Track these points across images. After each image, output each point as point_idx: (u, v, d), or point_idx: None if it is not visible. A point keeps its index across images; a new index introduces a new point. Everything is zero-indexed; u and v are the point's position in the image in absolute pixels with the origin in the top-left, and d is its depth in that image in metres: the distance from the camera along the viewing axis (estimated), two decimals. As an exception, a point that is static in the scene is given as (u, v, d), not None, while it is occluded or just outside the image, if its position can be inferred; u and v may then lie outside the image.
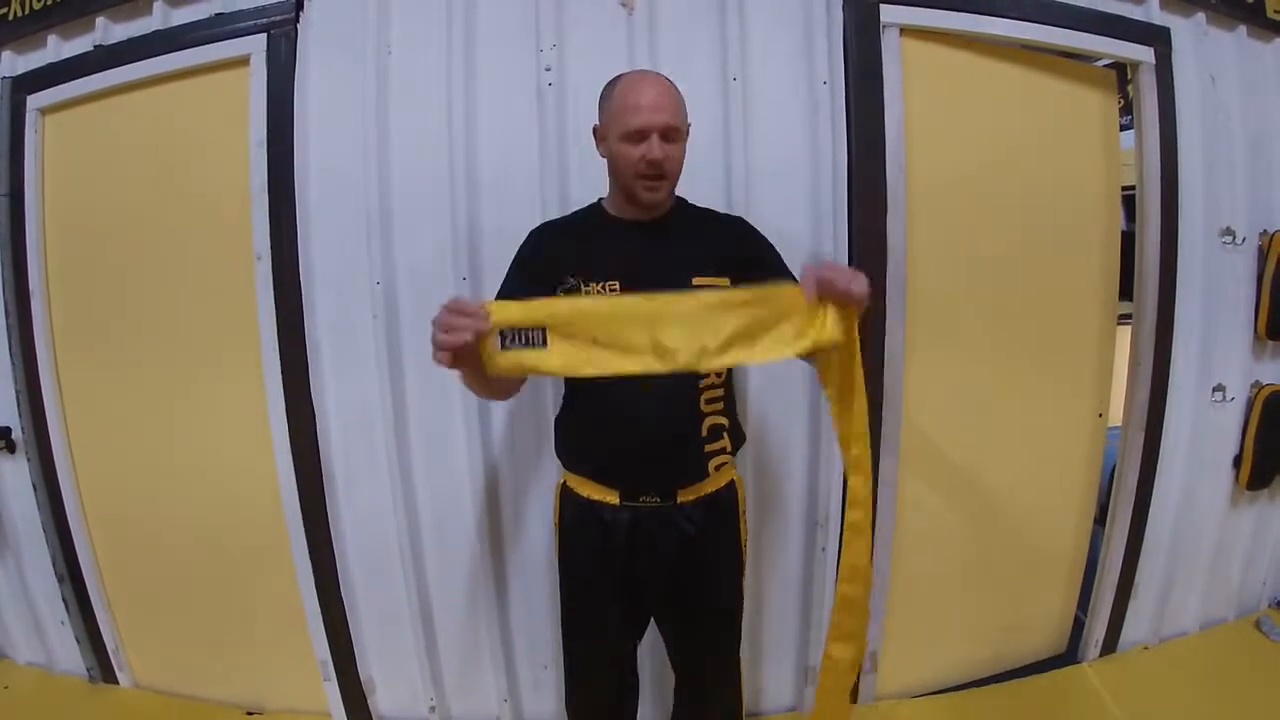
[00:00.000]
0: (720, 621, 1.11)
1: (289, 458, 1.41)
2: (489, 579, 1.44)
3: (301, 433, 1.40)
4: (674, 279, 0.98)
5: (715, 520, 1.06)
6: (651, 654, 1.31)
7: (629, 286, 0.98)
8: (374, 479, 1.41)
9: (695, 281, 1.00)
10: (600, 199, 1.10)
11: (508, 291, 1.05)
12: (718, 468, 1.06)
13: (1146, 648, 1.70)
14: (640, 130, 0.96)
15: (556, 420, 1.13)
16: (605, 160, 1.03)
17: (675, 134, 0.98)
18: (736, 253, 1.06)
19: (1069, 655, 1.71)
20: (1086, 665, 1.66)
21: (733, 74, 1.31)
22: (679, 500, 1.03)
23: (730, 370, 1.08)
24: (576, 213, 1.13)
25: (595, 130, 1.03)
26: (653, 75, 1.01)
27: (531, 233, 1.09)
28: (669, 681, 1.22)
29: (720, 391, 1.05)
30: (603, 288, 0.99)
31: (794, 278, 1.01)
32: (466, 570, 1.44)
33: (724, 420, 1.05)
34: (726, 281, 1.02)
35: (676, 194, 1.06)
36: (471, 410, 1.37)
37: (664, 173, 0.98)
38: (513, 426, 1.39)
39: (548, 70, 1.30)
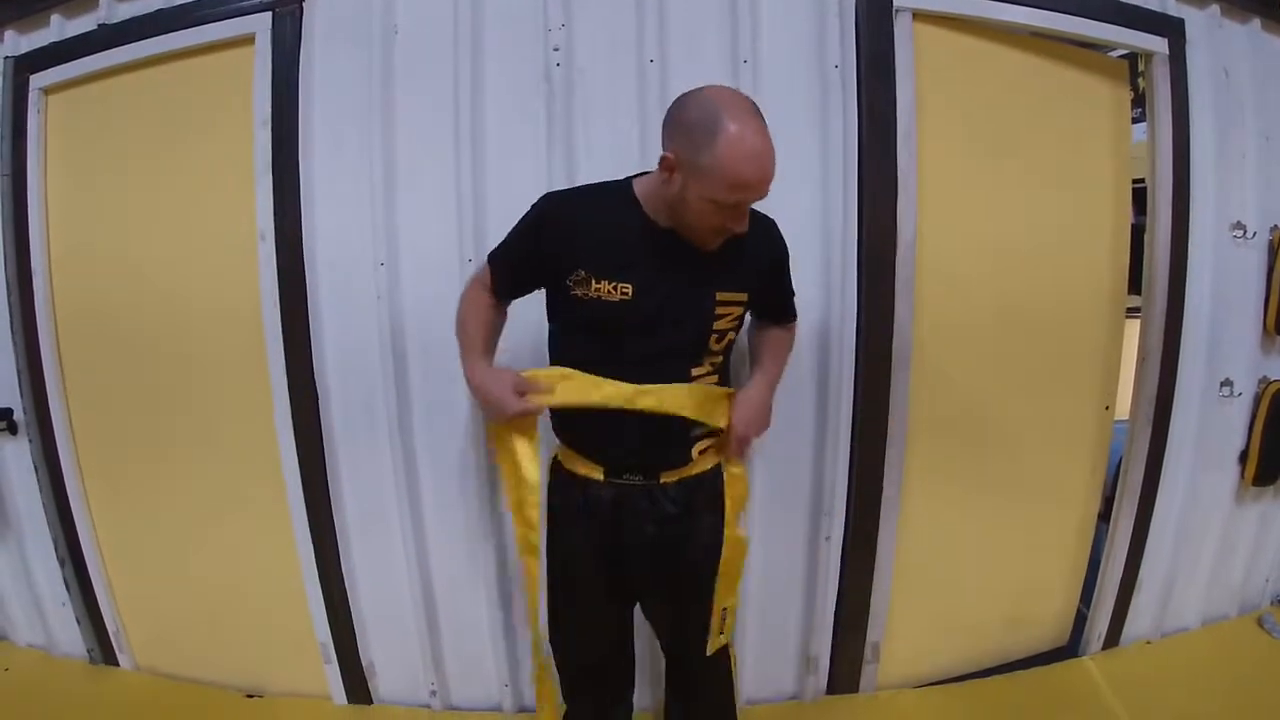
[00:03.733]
0: (705, 604, 1.09)
1: (291, 439, 1.40)
2: (491, 562, 1.44)
3: (303, 412, 1.39)
4: (693, 293, 0.98)
5: (698, 501, 1.05)
6: (652, 636, 1.30)
7: (642, 292, 0.95)
8: (376, 458, 1.41)
9: (718, 297, 0.98)
10: (632, 180, 1.00)
11: (504, 264, 1.04)
12: (701, 451, 1.05)
13: (1149, 643, 1.70)
14: (734, 202, 0.88)
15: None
16: (663, 179, 0.91)
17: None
18: (760, 263, 1.03)
19: (1071, 648, 1.71)
20: (1088, 659, 1.66)
21: (743, 56, 1.29)
22: (661, 480, 1.03)
23: (727, 357, 1.06)
24: (602, 189, 1.02)
25: (664, 160, 0.89)
26: (764, 137, 0.86)
27: (547, 203, 1.00)
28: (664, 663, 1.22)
29: (715, 378, 1.04)
30: (614, 288, 0.95)
31: (793, 296, 1.13)
32: (469, 553, 1.44)
33: None
34: (745, 297, 1.00)
35: None
36: (476, 392, 1.36)
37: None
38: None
39: (556, 51, 1.29)
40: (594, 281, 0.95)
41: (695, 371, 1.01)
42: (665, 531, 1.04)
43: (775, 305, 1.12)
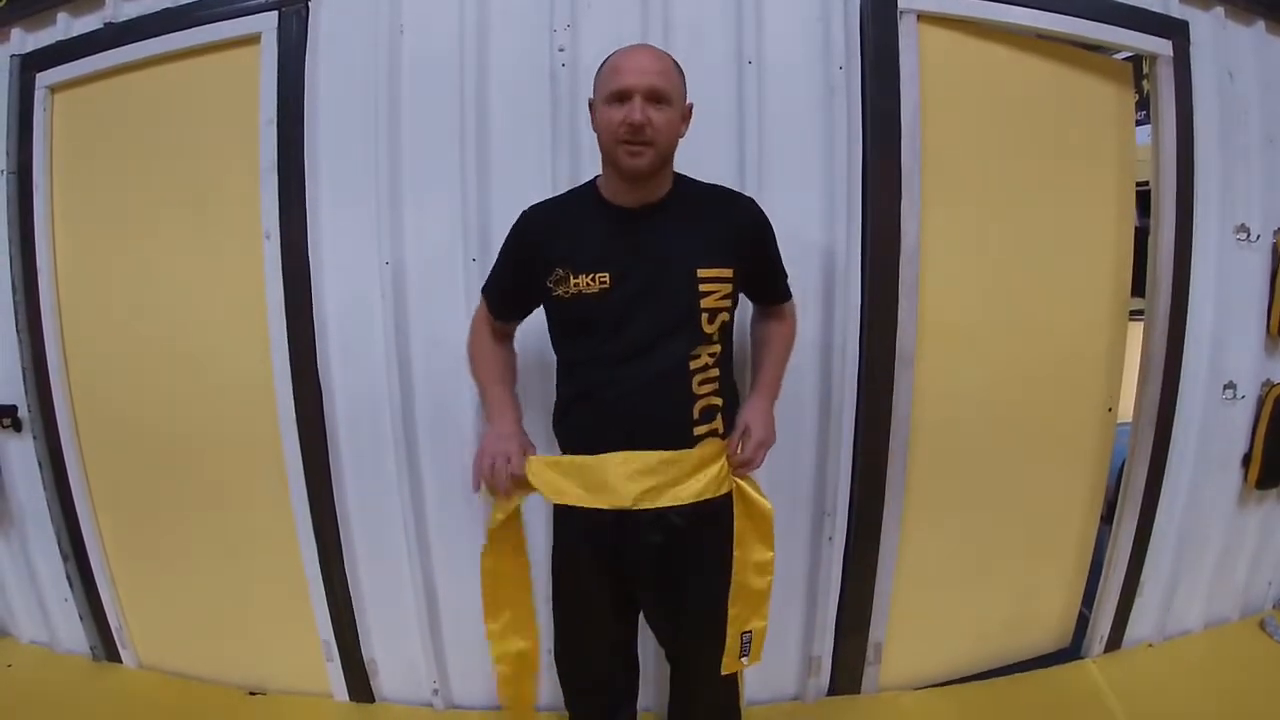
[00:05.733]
0: (708, 619, 1.07)
1: (295, 438, 1.41)
2: (493, 563, 1.44)
3: (308, 412, 1.40)
4: (674, 272, 0.97)
5: (704, 514, 1.03)
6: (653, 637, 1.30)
7: (620, 280, 0.95)
8: (380, 459, 1.41)
9: (700, 274, 0.97)
10: (595, 179, 1.04)
11: (494, 287, 1.08)
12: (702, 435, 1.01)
13: (1151, 645, 1.70)
14: (623, 90, 0.91)
15: (555, 399, 1.10)
16: (598, 136, 0.98)
17: (663, 97, 0.92)
18: (742, 237, 1.02)
19: (1073, 651, 1.71)
20: (1090, 661, 1.66)
21: (748, 57, 1.30)
22: None
23: (728, 347, 1.04)
24: (568, 194, 1.08)
25: (590, 104, 1.00)
26: (646, 45, 0.98)
27: (520, 217, 1.05)
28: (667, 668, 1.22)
29: (715, 372, 1.01)
30: (591, 279, 0.96)
31: (784, 274, 1.10)
32: (471, 552, 1.42)
33: (718, 400, 1.02)
34: (730, 272, 0.99)
35: (676, 172, 1.01)
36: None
37: (647, 138, 0.91)
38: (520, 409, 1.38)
39: (561, 51, 1.29)
40: (572, 277, 0.97)
41: (694, 364, 0.99)
42: (671, 542, 1.02)
43: (765, 283, 1.09)
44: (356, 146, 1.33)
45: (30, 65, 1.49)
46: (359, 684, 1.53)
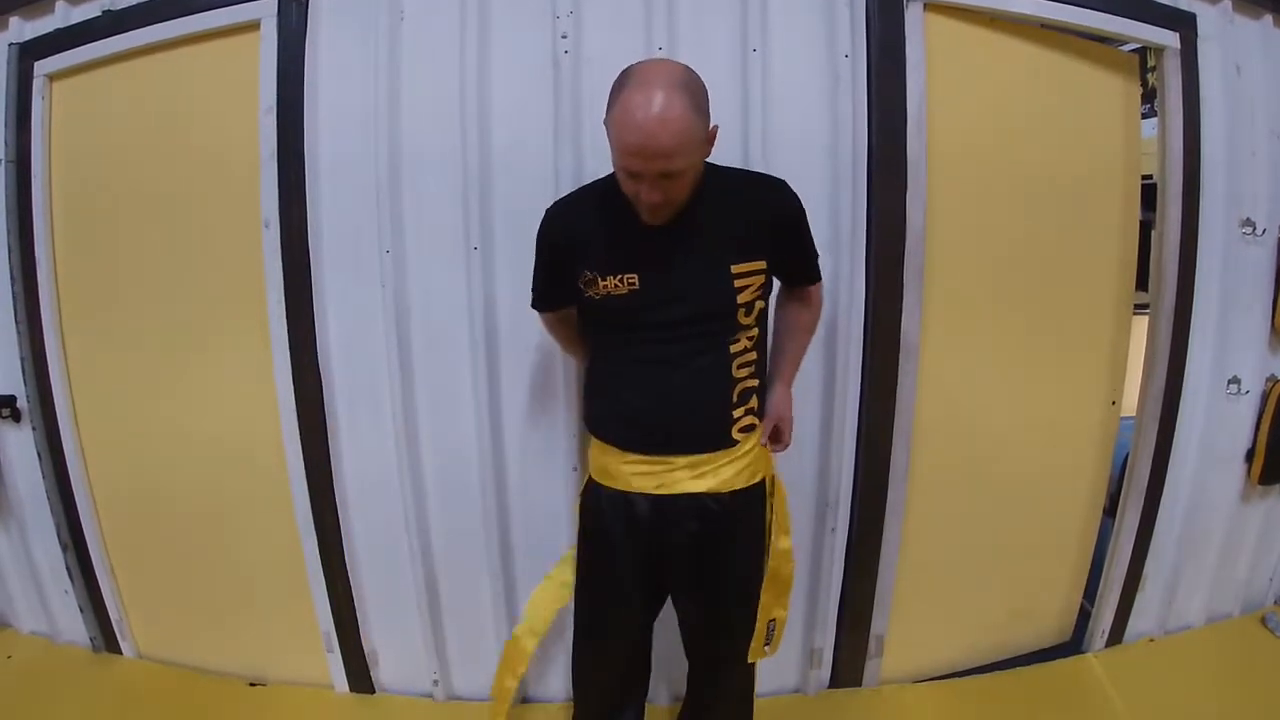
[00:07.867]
0: (737, 605, 1.08)
1: (294, 428, 1.40)
2: (495, 551, 1.43)
3: (307, 402, 1.39)
4: (708, 270, 0.96)
5: (739, 502, 1.03)
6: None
7: (650, 280, 0.95)
8: (380, 449, 1.41)
9: (734, 270, 0.95)
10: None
11: (540, 292, 1.09)
12: (743, 430, 1.01)
13: (1152, 640, 1.70)
14: (630, 171, 0.87)
15: (585, 384, 1.10)
16: None
17: (674, 174, 0.87)
18: (775, 226, 0.99)
19: (1074, 645, 1.71)
20: (1091, 655, 1.66)
21: (753, 45, 1.28)
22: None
23: (763, 329, 1.04)
24: (593, 187, 1.04)
25: (605, 123, 0.90)
26: (656, 100, 0.82)
27: (543, 219, 1.04)
28: (680, 665, 1.22)
29: (754, 355, 1.01)
30: (620, 281, 0.95)
31: (815, 255, 1.08)
32: (472, 542, 1.44)
33: (755, 383, 1.03)
34: (763, 264, 0.98)
35: (707, 162, 0.97)
36: (480, 380, 1.36)
37: (659, 206, 0.90)
38: (522, 396, 1.38)
39: (564, 38, 1.28)
40: (600, 280, 0.96)
41: (734, 349, 0.98)
42: (708, 529, 1.02)
43: (796, 266, 1.07)
44: (356, 134, 1.32)
45: (29, 53, 1.48)
46: (359, 675, 1.53)
